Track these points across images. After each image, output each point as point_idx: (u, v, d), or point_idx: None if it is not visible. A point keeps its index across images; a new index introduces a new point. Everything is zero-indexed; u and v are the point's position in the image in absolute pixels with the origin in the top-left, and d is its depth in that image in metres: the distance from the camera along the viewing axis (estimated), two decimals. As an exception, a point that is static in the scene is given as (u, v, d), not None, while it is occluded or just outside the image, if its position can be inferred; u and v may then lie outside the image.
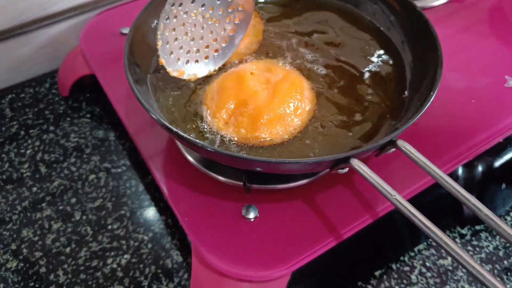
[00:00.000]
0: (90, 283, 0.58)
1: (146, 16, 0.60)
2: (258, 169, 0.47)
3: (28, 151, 0.72)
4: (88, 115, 0.77)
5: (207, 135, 0.54)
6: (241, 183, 0.54)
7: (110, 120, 0.76)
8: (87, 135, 0.74)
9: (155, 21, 0.61)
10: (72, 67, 0.76)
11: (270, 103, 0.54)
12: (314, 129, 0.55)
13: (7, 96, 0.80)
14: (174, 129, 0.46)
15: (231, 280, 0.49)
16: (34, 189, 0.67)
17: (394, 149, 0.47)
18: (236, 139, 0.54)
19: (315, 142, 0.53)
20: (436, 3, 0.78)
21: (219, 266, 0.49)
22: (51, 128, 0.75)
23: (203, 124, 0.55)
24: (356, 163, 0.44)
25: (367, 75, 0.61)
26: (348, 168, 0.46)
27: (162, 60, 0.56)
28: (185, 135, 0.46)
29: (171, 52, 0.57)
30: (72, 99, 0.79)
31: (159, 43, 0.55)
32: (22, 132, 0.74)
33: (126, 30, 0.74)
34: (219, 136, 0.54)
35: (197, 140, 0.45)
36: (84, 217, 0.64)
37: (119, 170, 0.69)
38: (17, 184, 0.68)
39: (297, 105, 0.55)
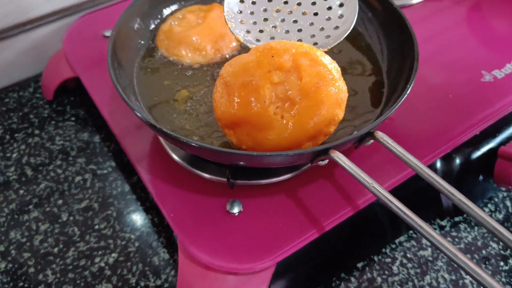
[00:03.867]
0: (78, 281, 0.58)
1: (128, 17, 0.61)
2: (242, 163, 0.48)
3: (14, 155, 0.72)
4: (73, 118, 0.77)
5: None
6: (225, 179, 0.55)
7: (95, 123, 0.76)
8: (72, 138, 0.74)
9: (137, 22, 0.62)
10: (55, 71, 0.77)
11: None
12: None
13: (-9, 101, 0.80)
14: (158, 126, 0.47)
15: (217, 273, 0.50)
16: (21, 192, 0.67)
17: (372, 141, 0.48)
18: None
19: None
20: (414, 1, 0.80)
21: (205, 259, 0.50)
22: (36, 131, 0.75)
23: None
24: (336, 155, 0.45)
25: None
26: (328, 160, 0.47)
27: (228, 24, 0.56)
28: (169, 132, 0.46)
29: (241, 21, 0.56)
30: (56, 103, 0.80)
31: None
32: (7, 136, 0.75)
33: (108, 33, 0.74)
34: None
35: (181, 136, 0.46)
36: (71, 218, 0.64)
37: (105, 171, 0.69)
38: (3, 188, 0.68)
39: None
